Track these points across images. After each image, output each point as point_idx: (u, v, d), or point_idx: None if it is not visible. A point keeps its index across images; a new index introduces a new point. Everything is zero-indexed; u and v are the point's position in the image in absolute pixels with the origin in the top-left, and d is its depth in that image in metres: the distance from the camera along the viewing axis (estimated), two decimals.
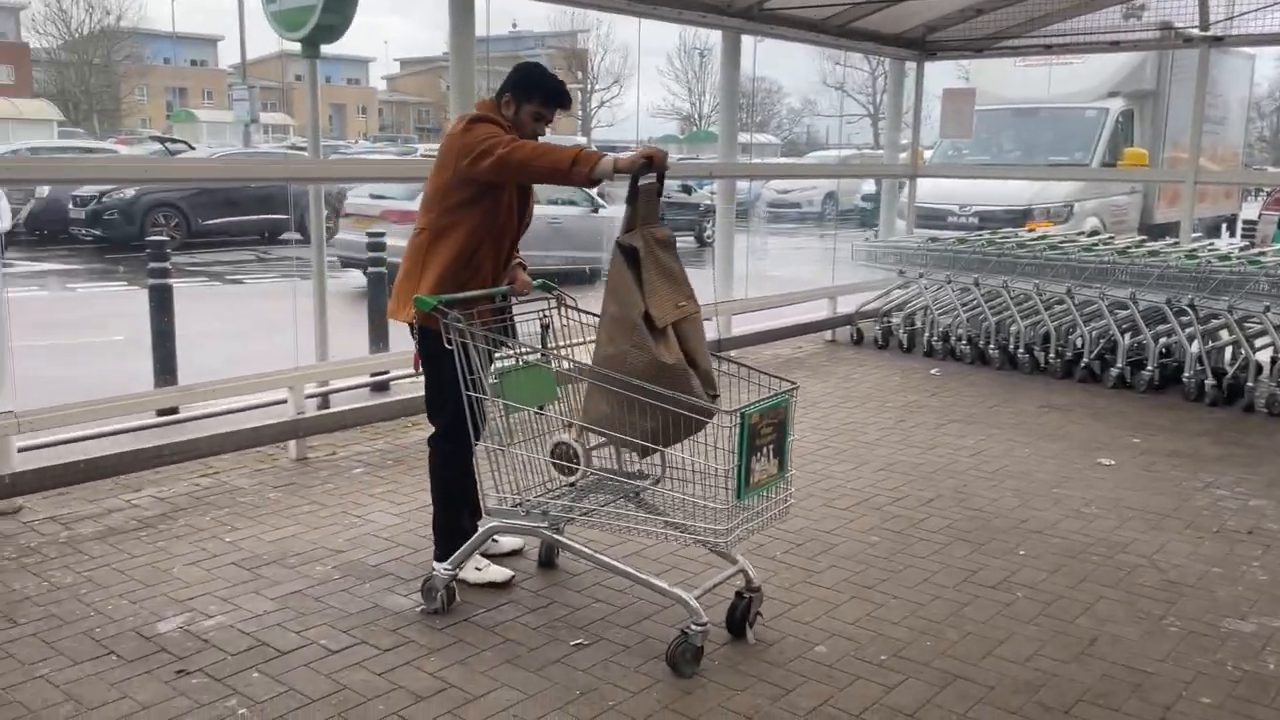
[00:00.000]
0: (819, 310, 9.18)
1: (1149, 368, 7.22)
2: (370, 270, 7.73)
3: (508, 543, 4.20)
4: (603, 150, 3.61)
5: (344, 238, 11.73)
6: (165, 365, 6.33)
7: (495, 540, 4.02)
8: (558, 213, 12.70)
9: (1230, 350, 7.32)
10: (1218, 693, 3.29)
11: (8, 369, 4.55)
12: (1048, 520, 4.76)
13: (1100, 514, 4.86)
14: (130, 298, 11.30)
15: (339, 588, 3.91)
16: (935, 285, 8.40)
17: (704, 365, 3.46)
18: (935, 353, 8.33)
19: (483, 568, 3.95)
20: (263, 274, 14.18)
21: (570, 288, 4.08)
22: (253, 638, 3.50)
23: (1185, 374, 7.08)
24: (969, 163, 14.05)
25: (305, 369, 5.61)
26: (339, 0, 5.46)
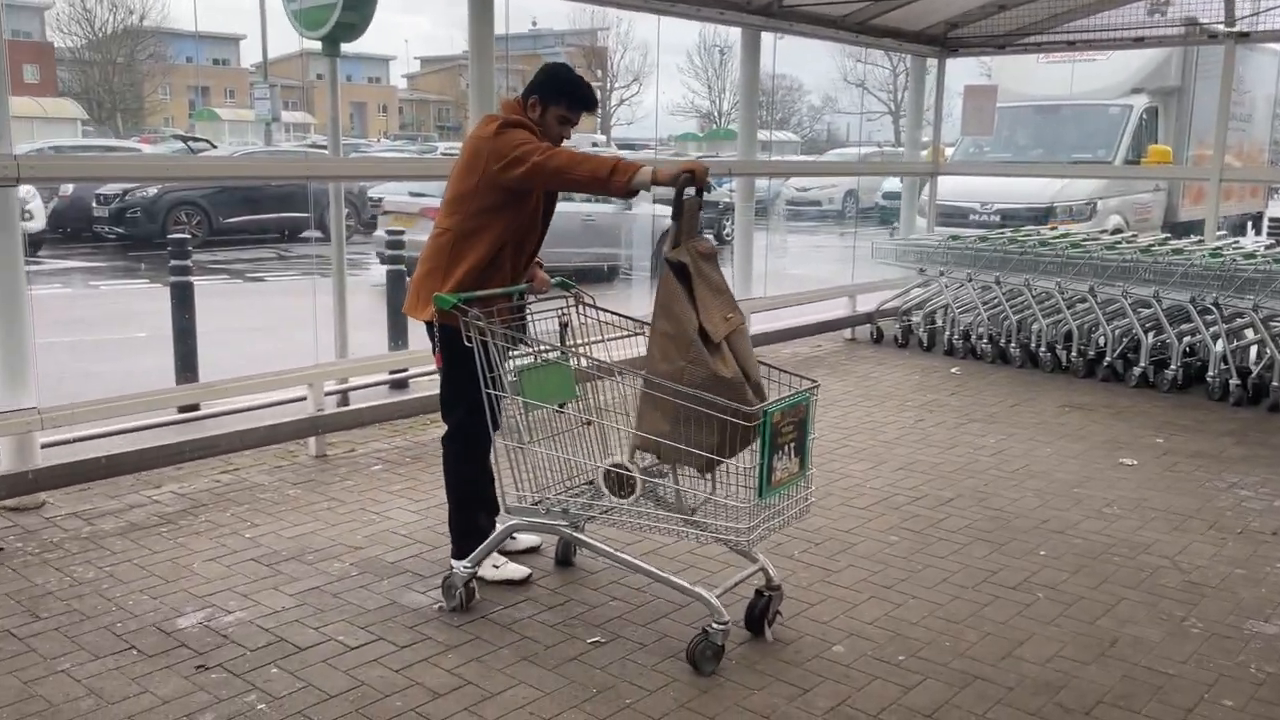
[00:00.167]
0: (838, 309, 9.15)
1: (1172, 367, 7.16)
2: (389, 268, 7.77)
3: (525, 540, 4.21)
4: (639, 161, 3.58)
5: (383, 234, 11.80)
6: (186, 362, 6.38)
7: (512, 538, 4.02)
8: (591, 210, 12.62)
9: (1255, 349, 7.25)
10: (1240, 695, 3.26)
11: (31, 366, 4.60)
12: (1069, 520, 4.73)
13: (1122, 514, 4.82)
14: (152, 295, 11.40)
15: (357, 584, 3.93)
16: (956, 283, 8.35)
17: (754, 377, 3.41)
18: (956, 351, 8.28)
19: (500, 565, 3.96)
20: (283, 272, 14.27)
21: (587, 285, 4.08)
22: (271, 633, 3.52)
23: (1209, 373, 7.02)
24: (990, 160, 13.96)
25: (325, 366, 5.64)
26: None
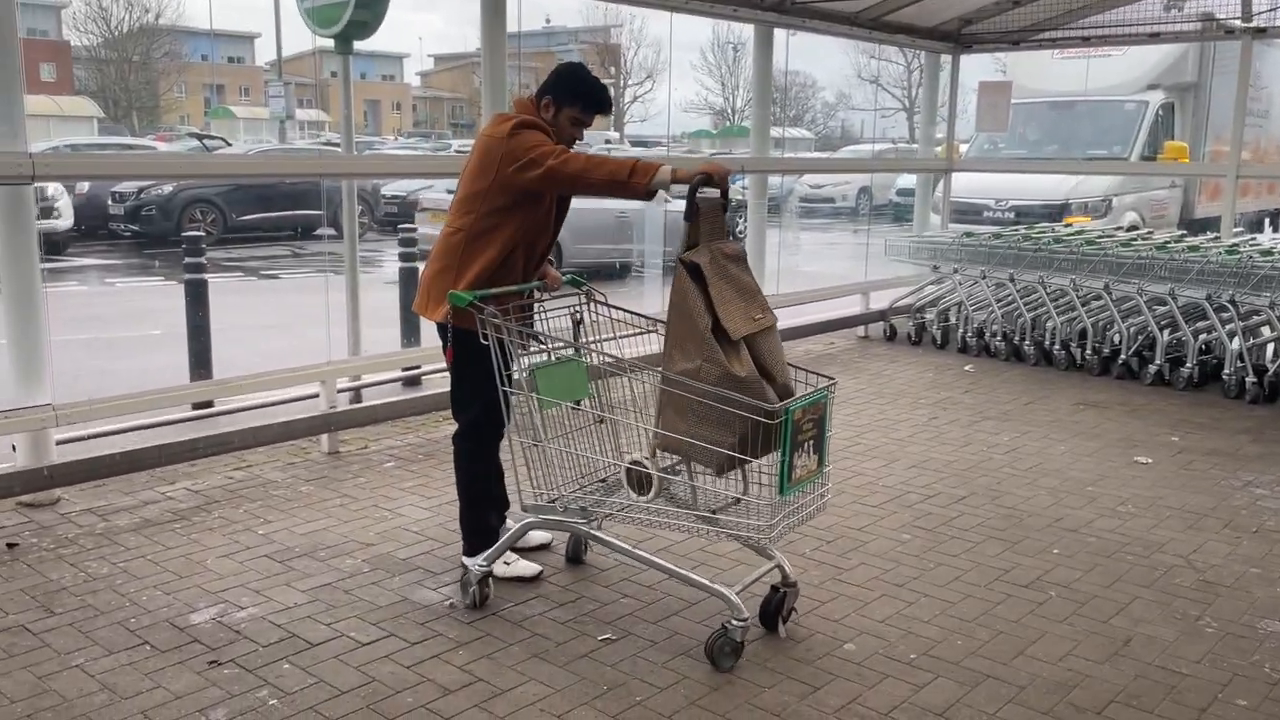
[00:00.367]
0: (852, 306, 9.13)
1: (1188, 364, 7.12)
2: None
3: (536, 537, 4.21)
4: (658, 160, 3.52)
5: (424, 231, 11.88)
6: (201, 359, 6.42)
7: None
8: (625, 206, 12.57)
9: (1271, 347, 7.19)
10: (1254, 695, 3.23)
11: (47, 363, 4.62)
12: (1082, 519, 4.71)
13: (1136, 513, 4.79)
14: (167, 292, 11.47)
15: (369, 581, 3.94)
16: (970, 281, 8.32)
17: (781, 379, 3.33)
18: (969, 349, 8.25)
19: (511, 562, 3.96)
20: (297, 269, 14.31)
21: (599, 283, 4.08)
22: (284, 629, 3.54)
23: (1225, 371, 6.98)
24: (1005, 156, 13.90)
25: (338, 363, 5.65)
26: None
